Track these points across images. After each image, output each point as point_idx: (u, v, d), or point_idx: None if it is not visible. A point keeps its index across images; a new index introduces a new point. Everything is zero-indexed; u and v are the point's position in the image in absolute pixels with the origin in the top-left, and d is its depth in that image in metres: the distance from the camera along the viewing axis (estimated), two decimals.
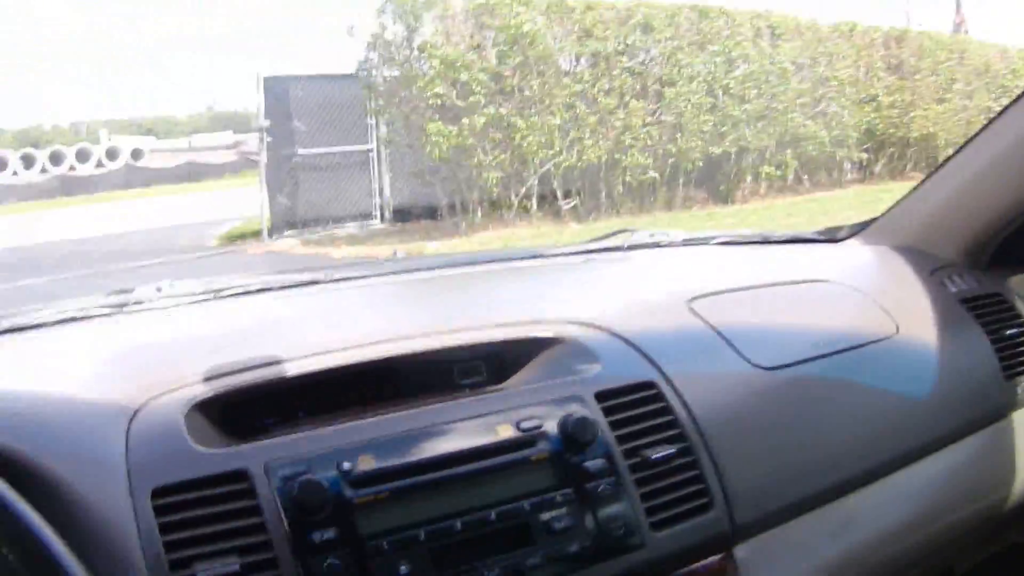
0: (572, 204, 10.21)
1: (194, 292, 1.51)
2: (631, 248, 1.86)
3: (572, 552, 1.07)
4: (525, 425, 1.11)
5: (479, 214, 9.90)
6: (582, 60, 10.16)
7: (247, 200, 11.40)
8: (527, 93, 9.55)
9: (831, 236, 1.96)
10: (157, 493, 0.95)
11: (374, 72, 10.20)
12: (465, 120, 9.24)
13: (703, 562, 1.18)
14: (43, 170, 22.27)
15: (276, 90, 10.44)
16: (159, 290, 1.51)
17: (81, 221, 14.79)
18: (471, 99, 9.28)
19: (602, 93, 9.91)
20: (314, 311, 1.51)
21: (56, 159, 22.61)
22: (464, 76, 9.26)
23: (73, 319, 1.39)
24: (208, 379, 1.11)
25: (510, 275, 1.83)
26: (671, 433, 1.19)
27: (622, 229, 2.03)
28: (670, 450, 1.17)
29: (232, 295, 1.53)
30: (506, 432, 1.10)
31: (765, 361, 1.36)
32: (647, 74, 10.35)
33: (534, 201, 10.04)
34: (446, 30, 9.50)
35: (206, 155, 23.73)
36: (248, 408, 1.14)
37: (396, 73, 10.03)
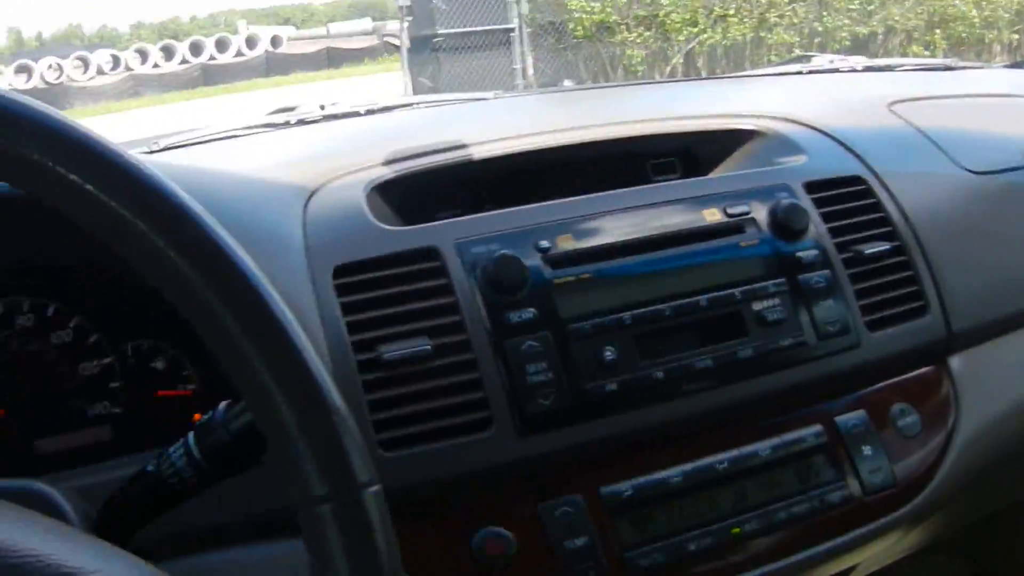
0: None
1: (358, 108, 1.48)
2: (811, 72, 1.80)
3: (786, 346, 1.01)
4: (733, 210, 1.05)
5: None
6: None
7: (388, 84, 11.48)
8: None
9: (1019, 66, 1.91)
10: (339, 271, 0.90)
11: None
12: None
13: (917, 372, 1.13)
14: (183, 61, 22.74)
15: None
16: (322, 107, 1.49)
17: (223, 110, 15.12)
18: None
19: None
20: (492, 112, 1.46)
21: (196, 50, 23.00)
22: None
23: (237, 136, 1.36)
24: (388, 162, 1.07)
25: (696, 85, 1.77)
26: (883, 230, 1.12)
27: (800, 56, 2.00)
28: (884, 246, 1.10)
29: (400, 108, 1.50)
30: (713, 216, 1.04)
31: (975, 165, 1.28)
32: None
33: None
34: None
35: (345, 41, 23.82)
36: (430, 196, 1.09)
37: None
